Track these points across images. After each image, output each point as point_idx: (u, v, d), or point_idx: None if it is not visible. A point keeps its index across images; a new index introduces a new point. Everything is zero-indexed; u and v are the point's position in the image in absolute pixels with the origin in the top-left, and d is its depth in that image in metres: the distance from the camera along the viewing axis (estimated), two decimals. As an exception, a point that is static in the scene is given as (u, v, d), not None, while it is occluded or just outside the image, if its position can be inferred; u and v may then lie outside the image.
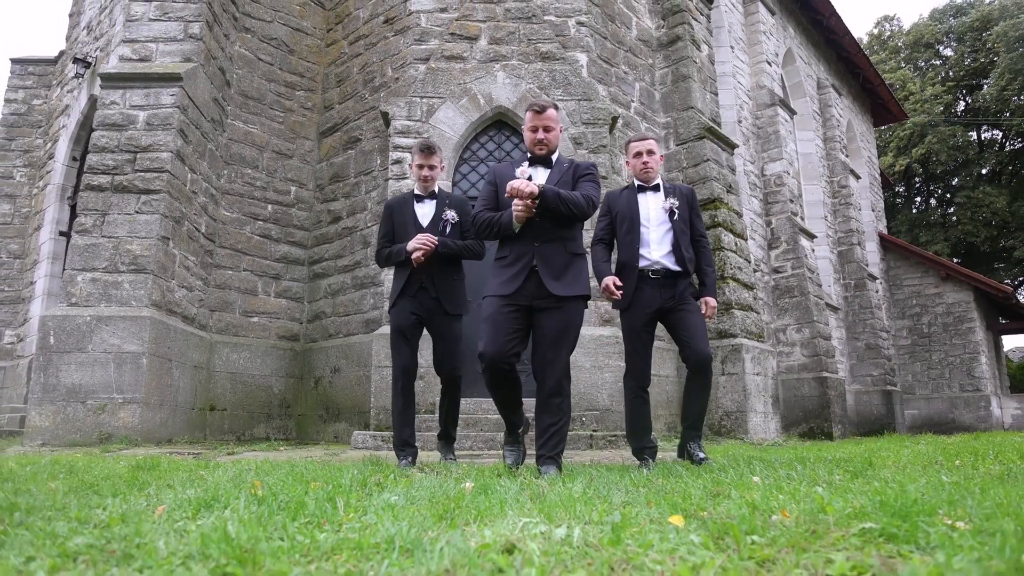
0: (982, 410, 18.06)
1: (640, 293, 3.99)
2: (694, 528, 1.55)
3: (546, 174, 3.74)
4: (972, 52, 32.18)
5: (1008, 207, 28.81)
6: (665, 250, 4.02)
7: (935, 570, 0.99)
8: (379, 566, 1.15)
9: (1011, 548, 1.16)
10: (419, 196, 4.46)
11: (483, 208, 3.77)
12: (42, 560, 1.29)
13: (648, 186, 4.16)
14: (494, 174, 3.86)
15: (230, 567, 1.14)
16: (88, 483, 2.93)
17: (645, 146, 4.18)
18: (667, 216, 4.07)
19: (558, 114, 3.83)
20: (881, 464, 3.30)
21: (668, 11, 9.90)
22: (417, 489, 2.34)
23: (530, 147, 3.79)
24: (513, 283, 3.55)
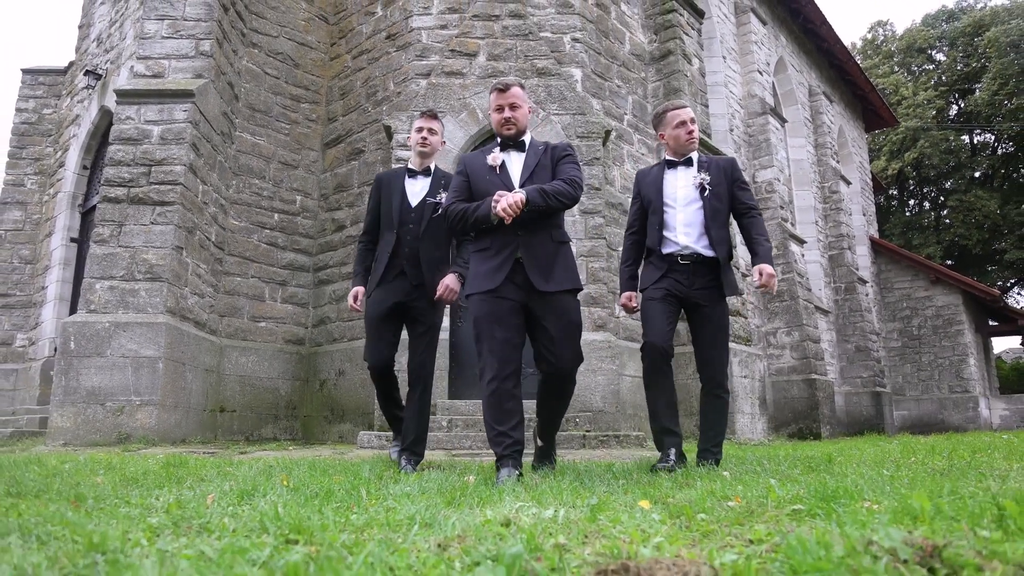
0: (970, 411, 18.45)
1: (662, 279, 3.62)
2: (658, 510, 1.91)
3: (521, 158, 3.48)
4: (964, 57, 32.59)
5: (1000, 210, 29.21)
6: (695, 233, 3.59)
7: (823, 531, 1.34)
8: (407, 534, 1.50)
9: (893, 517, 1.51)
10: (412, 171, 4.09)
11: (455, 199, 3.46)
12: (136, 532, 1.64)
13: (679, 160, 3.76)
14: (464, 164, 3.57)
15: (291, 536, 1.48)
16: (129, 478, 3.27)
17: (688, 114, 3.77)
18: (697, 193, 3.64)
19: (525, 93, 3.56)
20: (841, 461, 3.66)
21: (660, 26, 10.26)
22: (427, 481, 2.70)
23: (497, 129, 3.51)
24: (497, 275, 3.26)
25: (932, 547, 1.16)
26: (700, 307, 3.60)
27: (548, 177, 3.40)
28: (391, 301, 3.90)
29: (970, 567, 1.10)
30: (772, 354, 12.63)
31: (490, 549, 1.19)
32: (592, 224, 7.93)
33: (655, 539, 1.42)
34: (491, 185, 3.37)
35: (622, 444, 6.61)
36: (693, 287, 3.59)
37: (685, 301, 3.63)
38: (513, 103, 3.45)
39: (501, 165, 3.45)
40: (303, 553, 1.13)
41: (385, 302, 3.91)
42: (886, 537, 1.17)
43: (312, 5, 10.28)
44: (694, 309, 3.63)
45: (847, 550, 1.15)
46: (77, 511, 2.06)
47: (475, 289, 3.35)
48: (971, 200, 29.51)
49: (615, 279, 8.64)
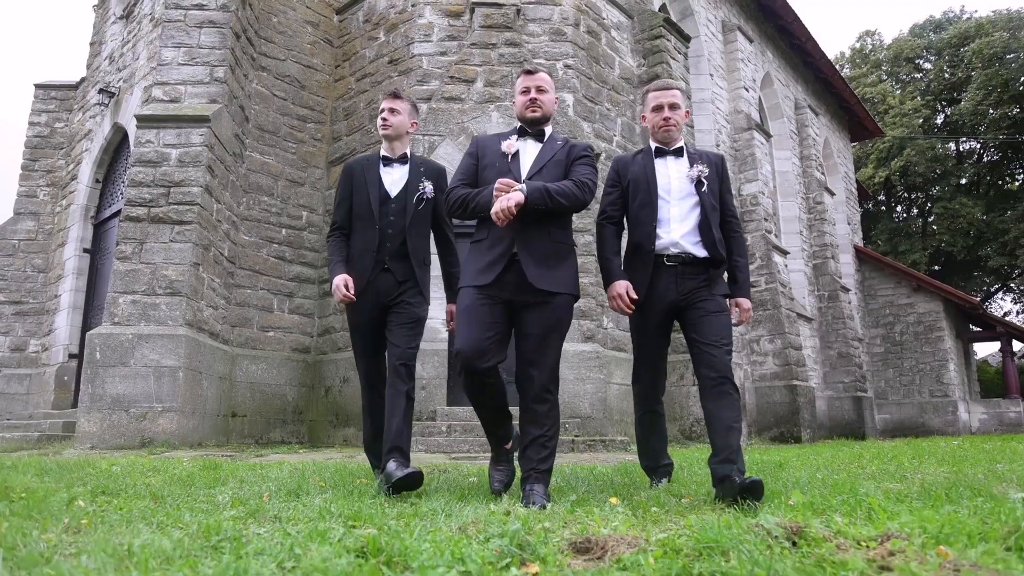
0: (950, 415, 19.07)
1: (655, 285, 3.28)
2: (623, 505, 2.46)
3: (536, 149, 3.29)
4: (950, 67, 33.29)
5: (984, 217, 29.88)
6: (689, 230, 3.27)
7: (729, 518, 1.89)
8: (434, 521, 2.04)
9: (800, 508, 2.06)
10: (387, 159, 3.72)
11: (459, 183, 3.27)
12: (227, 522, 2.17)
13: (668, 149, 3.40)
14: (476, 145, 3.39)
15: (351, 522, 2.02)
16: (176, 478, 3.80)
17: (667, 97, 3.38)
18: (693, 187, 3.30)
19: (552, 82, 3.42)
20: (796, 465, 4.21)
21: (648, 51, 10.83)
22: (438, 484, 3.24)
23: (521, 112, 3.32)
24: (490, 272, 3.08)
25: (797, 528, 1.71)
26: (696, 305, 3.21)
27: (560, 174, 3.20)
28: (377, 305, 3.58)
29: (818, 540, 1.65)
30: (755, 361, 13.21)
31: (497, 529, 1.73)
32: (583, 242, 8.47)
33: (614, 523, 1.97)
34: (498, 173, 3.17)
35: (608, 448, 7.16)
36: (683, 291, 3.23)
37: (675, 308, 3.27)
38: (540, 86, 3.29)
39: (515, 154, 3.25)
40: (371, 532, 1.66)
41: (371, 307, 3.59)
42: (765, 521, 1.71)
43: (318, 29, 10.81)
44: (689, 310, 3.24)
45: (739, 530, 1.70)
46: (164, 505, 2.60)
47: (467, 282, 3.17)
48: (956, 207, 30.18)
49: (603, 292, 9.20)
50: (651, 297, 3.28)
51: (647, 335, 3.38)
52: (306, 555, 1.48)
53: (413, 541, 1.58)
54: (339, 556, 1.45)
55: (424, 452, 7.13)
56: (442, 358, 8.42)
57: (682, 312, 3.28)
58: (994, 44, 29.33)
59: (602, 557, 1.53)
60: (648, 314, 3.32)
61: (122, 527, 2.03)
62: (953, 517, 1.85)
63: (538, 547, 1.57)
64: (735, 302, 3.40)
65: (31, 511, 2.28)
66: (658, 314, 3.31)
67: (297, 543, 1.60)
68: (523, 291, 3.08)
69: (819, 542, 1.65)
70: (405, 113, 3.73)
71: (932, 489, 2.64)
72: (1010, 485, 2.84)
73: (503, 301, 3.10)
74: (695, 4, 14.78)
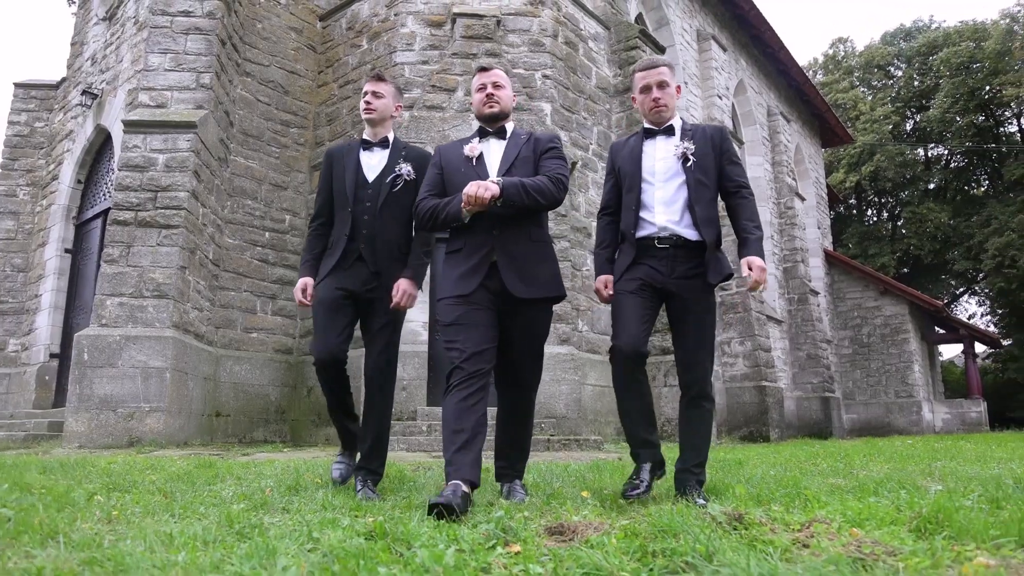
0: (914, 415, 19.68)
1: (637, 267, 3.11)
2: (593, 498, 2.75)
3: (501, 148, 3.21)
4: (920, 75, 34.12)
5: (951, 221, 30.68)
6: (676, 212, 3.07)
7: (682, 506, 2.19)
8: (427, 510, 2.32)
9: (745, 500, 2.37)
10: (367, 143, 3.59)
11: (427, 194, 3.17)
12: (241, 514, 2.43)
13: (659, 129, 3.23)
14: (439, 155, 3.30)
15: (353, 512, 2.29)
16: (175, 476, 4.03)
17: (655, 76, 3.22)
18: (679, 164, 3.11)
19: (509, 80, 3.36)
20: (753, 463, 4.54)
21: (624, 61, 11.16)
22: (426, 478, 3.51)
23: (479, 109, 3.25)
24: (471, 280, 2.99)
25: (738, 515, 2.01)
26: (682, 300, 3.04)
27: (530, 170, 3.12)
28: (346, 288, 3.38)
29: (755, 524, 1.95)
30: (726, 362, 13.61)
31: (484, 517, 2.01)
32: (558, 248, 8.77)
33: (584, 512, 2.26)
34: (465, 178, 3.05)
35: (582, 447, 7.47)
36: (673, 275, 3.04)
37: (663, 292, 3.07)
38: (496, 82, 3.22)
39: (479, 156, 3.16)
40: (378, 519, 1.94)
41: (339, 288, 3.38)
42: (712, 510, 2.01)
43: (301, 35, 11.01)
44: (675, 302, 3.07)
45: (690, 517, 2.00)
46: (175, 500, 2.85)
47: (447, 293, 3.05)
48: (924, 212, 30.97)
49: (579, 296, 9.52)
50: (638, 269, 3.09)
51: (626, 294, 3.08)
52: (323, 538, 1.75)
53: (413, 526, 1.85)
54: (351, 539, 1.72)
55: (406, 451, 7.39)
56: (422, 359, 8.68)
57: (670, 299, 3.09)
58: (960, 54, 30.15)
59: (573, 539, 1.81)
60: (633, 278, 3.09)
61: (148, 518, 2.29)
62: (872, 506, 2.16)
63: (519, 531, 1.85)
64: (746, 261, 3.02)
65: (57, 505, 2.52)
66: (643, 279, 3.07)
67: (314, 528, 1.87)
68: (506, 300, 3.01)
69: (756, 526, 1.95)
70: (389, 96, 3.58)
71: (866, 484, 2.96)
72: (935, 480, 3.18)
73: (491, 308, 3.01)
74: (671, 13, 15.16)
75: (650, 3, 14.94)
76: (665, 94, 3.20)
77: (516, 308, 3.04)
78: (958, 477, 3.25)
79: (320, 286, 3.45)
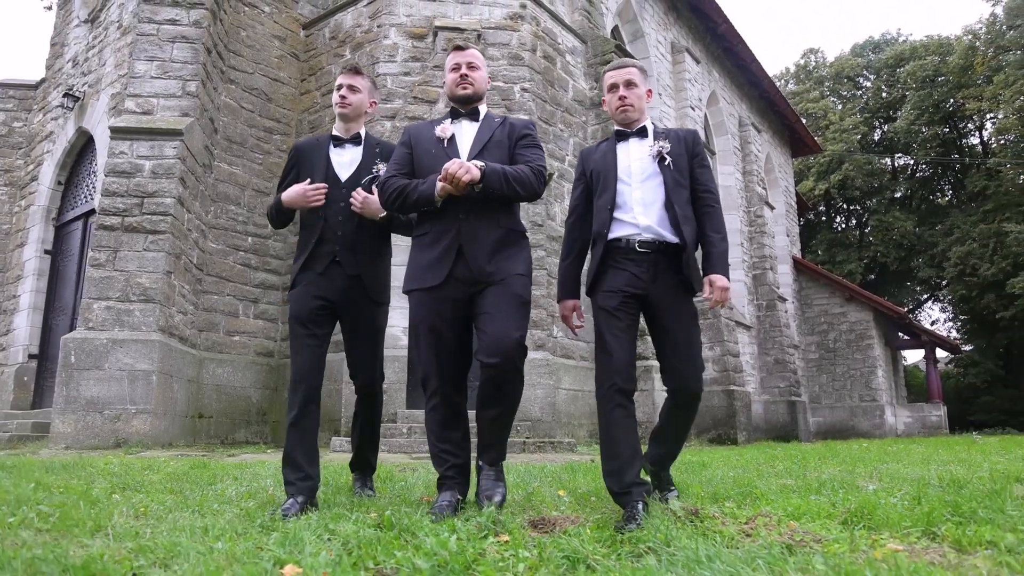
0: (877, 418, 20.31)
1: (615, 274, 2.94)
2: (569, 496, 3.05)
3: (474, 129, 3.10)
4: (887, 86, 35.04)
5: (916, 230, 31.53)
6: (655, 213, 2.96)
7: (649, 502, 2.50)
8: (421, 508, 2.60)
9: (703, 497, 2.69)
10: (338, 139, 3.38)
11: (395, 171, 3.04)
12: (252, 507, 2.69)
13: (630, 132, 3.14)
14: (409, 134, 3.19)
15: (355, 510, 2.57)
16: (174, 476, 4.26)
17: (622, 76, 3.13)
18: (655, 164, 3.01)
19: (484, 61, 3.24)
20: (716, 465, 4.88)
21: (600, 75, 11.49)
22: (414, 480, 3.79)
23: (452, 89, 3.14)
24: (439, 269, 2.87)
25: (695, 510, 2.32)
26: (667, 305, 2.91)
27: (503, 155, 3.02)
28: (324, 298, 3.16)
29: (708, 518, 2.27)
30: (696, 367, 14.01)
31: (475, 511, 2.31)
32: (534, 257, 9.08)
33: (561, 508, 2.57)
34: (436, 160, 2.97)
35: (556, 449, 7.79)
36: (655, 281, 2.90)
37: (643, 299, 2.93)
38: (471, 63, 3.14)
39: (451, 138, 3.05)
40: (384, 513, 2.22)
41: (315, 298, 3.15)
42: (673, 506, 2.33)
43: (285, 43, 11.21)
44: (659, 309, 2.92)
45: (654, 511, 2.31)
46: (185, 498, 3.10)
47: (415, 285, 2.95)
48: (890, 220, 31.79)
49: (554, 303, 9.83)
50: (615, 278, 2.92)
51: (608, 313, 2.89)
52: (339, 529, 2.03)
53: (416, 519, 2.14)
54: (363, 529, 2.00)
55: (386, 452, 7.64)
56: (402, 364, 8.94)
57: (652, 307, 2.94)
58: (926, 67, 31.02)
59: (553, 530, 2.12)
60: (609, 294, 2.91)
61: (171, 514, 2.55)
62: (811, 503, 2.50)
63: (507, 523, 2.15)
64: (708, 279, 2.92)
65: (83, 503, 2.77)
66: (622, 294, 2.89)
67: (329, 520, 2.15)
68: (474, 283, 2.89)
69: (709, 519, 2.27)
70: (365, 91, 3.40)
71: (812, 484, 3.31)
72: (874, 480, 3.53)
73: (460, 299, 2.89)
74: (646, 26, 15.57)
75: (626, 16, 15.33)
76: (632, 94, 3.11)
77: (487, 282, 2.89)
78: (896, 478, 3.61)
79: (295, 296, 3.20)
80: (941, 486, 3.04)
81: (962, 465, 4.60)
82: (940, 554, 1.84)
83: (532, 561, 1.73)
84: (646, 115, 3.19)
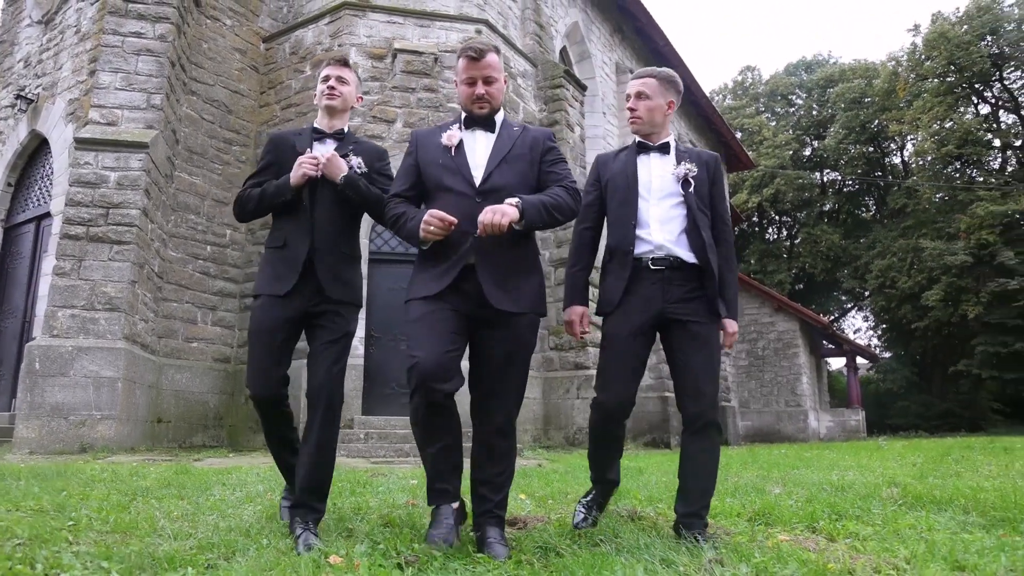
0: (801, 422, 21.54)
1: (635, 291, 2.86)
2: (530, 499, 3.63)
3: (488, 140, 2.81)
4: (818, 105, 36.86)
5: (841, 242, 33.26)
6: (675, 231, 2.90)
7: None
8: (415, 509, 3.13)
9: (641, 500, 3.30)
10: (320, 133, 3.16)
11: (400, 191, 2.85)
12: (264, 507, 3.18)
13: (652, 145, 3.03)
14: (415, 142, 2.91)
15: (358, 512, 3.08)
16: (164, 483, 4.67)
17: (635, 87, 3.04)
18: (679, 185, 2.93)
19: (500, 61, 2.87)
20: (651, 471, 5.52)
21: (550, 98, 12.15)
22: (388, 485, 4.31)
23: (466, 103, 2.83)
24: (444, 279, 2.63)
25: (635, 511, 2.93)
26: (684, 325, 2.82)
27: (524, 169, 2.78)
28: (292, 307, 2.90)
29: (646, 517, 2.87)
30: (634, 375, 14.81)
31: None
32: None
33: (527, 509, 3.14)
34: (444, 171, 2.74)
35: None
36: (670, 300, 2.83)
37: (660, 320, 2.85)
38: (488, 76, 2.77)
39: (458, 146, 2.77)
40: (382, 513, 2.75)
41: (283, 308, 2.90)
42: (618, 507, 2.92)
43: (245, 56, 11.49)
44: (675, 328, 2.84)
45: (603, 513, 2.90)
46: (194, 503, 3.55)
47: (414, 295, 2.70)
48: (818, 233, 33.47)
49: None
50: (630, 303, 2.85)
51: (621, 340, 2.85)
52: (355, 525, 2.54)
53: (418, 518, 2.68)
54: (376, 528, 2.53)
55: (345, 457, 8.08)
56: (359, 372, 9.37)
57: (667, 326, 2.86)
58: (854, 90, 32.82)
59: (524, 527, 2.68)
60: (626, 319, 2.85)
61: (200, 516, 3.02)
62: (727, 505, 3.13)
63: (487, 522, 2.71)
64: (720, 324, 2.89)
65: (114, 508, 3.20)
66: (639, 319, 2.83)
67: (345, 518, 2.66)
68: (482, 306, 2.61)
69: (647, 519, 2.87)
70: (353, 84, 3.21)
71: (729, 488, 3.96)
72: (781, 484, 4.21)
73: (464, 313, 2.64)
74: (592, 48, 16.29)
75: (574, 37, 16.02)
76: (641, 105, 3.00)
77: (496, 318, 2.63)
78: (799, 483, 4.29)
79: (259, 306, 2.95)
80: (831, 490, 3.73)
81: (860, 470, 5.36)
82: (815, 543, 2.48)
83: (515, 551, 2.30)
84: (667, 129, 3.08)
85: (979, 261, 24.81)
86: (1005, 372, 24.34)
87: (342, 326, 2.93)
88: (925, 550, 2.29)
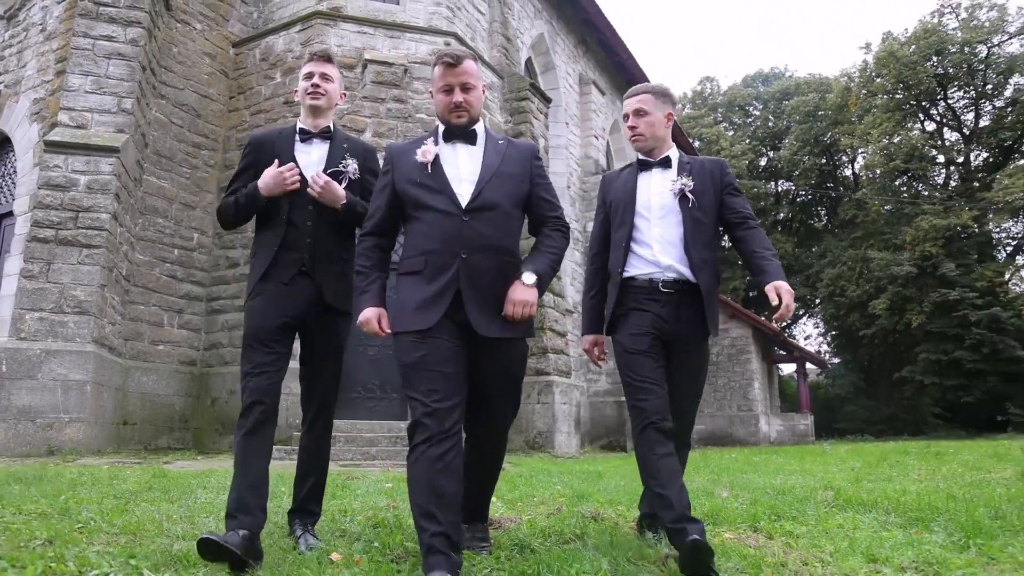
0: (753, 427, 22.23)
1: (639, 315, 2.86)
2: (502, 503, 3.93)
3: (470, 153, 2.65)
4: (774, 117, 37.90)
5: (794, 251, 34.27)
6: (675, 251, 2.87)
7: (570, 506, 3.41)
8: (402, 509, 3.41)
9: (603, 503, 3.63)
10: (306, 133, 3.05)
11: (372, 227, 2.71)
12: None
13: (653, 161, 3.00)
14: (390, 159, 2.72)
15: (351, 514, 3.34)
16: (145, 486, 4.85)
17: (632, 104, 3.01)
18: (676, 201, 2.90)
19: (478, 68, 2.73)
20: (611, 475, 5.87)
21: (515, 110, 12.48)
22: (368, 488, 4.57)
23: (443, 113, 2.66)
24: (432, 310, 2.46)
25: (597, 513, 3.25)
26: (681, 347, 2.87)
27: (513, 189, 2.65)
28: (288, 313, 2.84)
29: (607, 518, 3.20)
30: (591, 379, 15.23)
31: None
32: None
33: (501, 511, 3.44)
34: (423, 191, 2.57)
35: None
36: (676, 321, 2.83)
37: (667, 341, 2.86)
38: (465, 83, 2.62)
39: (434, 161, 2.59)
40: (367, 515, 3.03)
41: (278, 313, 2.83)
42: (583, 509, 3.25)
43: (215, 61, 11.58)
44: (674, 349, 2.88)
45: (569, 514, 3.23)
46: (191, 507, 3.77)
47: (404, 327, 2.50)
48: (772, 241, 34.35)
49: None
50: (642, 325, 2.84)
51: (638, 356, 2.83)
52: (346, 526, 2.81)
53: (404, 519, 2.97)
54: (366, 529, 2.80)
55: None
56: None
57: (671, 342, 2.87)
58: (808, 103, 33.86)
59: (500, 527, 2.98)
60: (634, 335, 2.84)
61: (197, 518, 3.25)
62: (679, 507, 3.49)
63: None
64: (773, 287, 2.75)
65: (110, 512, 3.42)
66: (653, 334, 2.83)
67: (334, 520, 2.93)
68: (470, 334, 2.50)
69: (608, 519, 3.19)
70: (337, 82, 3.11)
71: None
72: (728, 488, 4.58)
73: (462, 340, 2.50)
74: (556, 59, 16.67)
75: (539, 48, 16.38)
76: (642, 122, 2.97)
77: (486, 343, 2.51)
78: (745, 487, 4.68)
79: (253, 309, 2.86)
80: (773, 493, 4.12)
81: (802, 475, 5.78)
82: (756, 540, 2.83)
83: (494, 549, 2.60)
84: (669, 143, 3.04)
85: (923, 272, 25.85)
86: (945, 379, 25.38)
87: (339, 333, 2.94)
88: (847, 546, 2.66)
